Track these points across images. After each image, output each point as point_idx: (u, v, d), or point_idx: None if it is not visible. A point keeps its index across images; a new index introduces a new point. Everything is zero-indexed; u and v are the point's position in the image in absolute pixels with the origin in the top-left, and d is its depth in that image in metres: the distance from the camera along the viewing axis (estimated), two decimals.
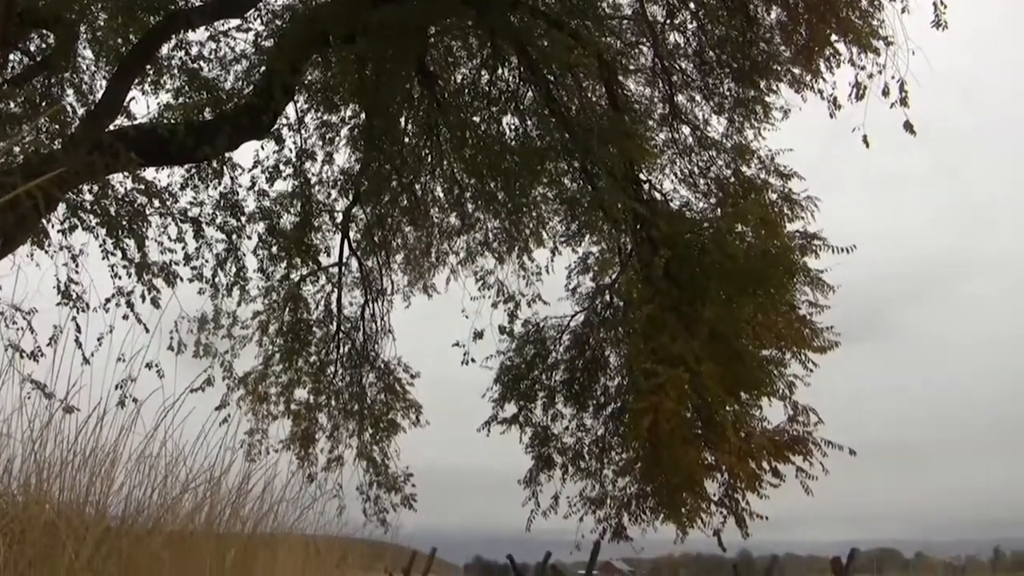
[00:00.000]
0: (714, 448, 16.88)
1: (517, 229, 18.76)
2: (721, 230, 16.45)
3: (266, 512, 6.99)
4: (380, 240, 20.39)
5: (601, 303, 19.21)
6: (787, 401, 16.99)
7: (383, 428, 20.68)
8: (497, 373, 19.08)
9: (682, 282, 16.59)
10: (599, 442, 19.08)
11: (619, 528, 18.62)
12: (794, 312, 16.71)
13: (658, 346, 15.87)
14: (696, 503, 17.29)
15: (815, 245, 16.17)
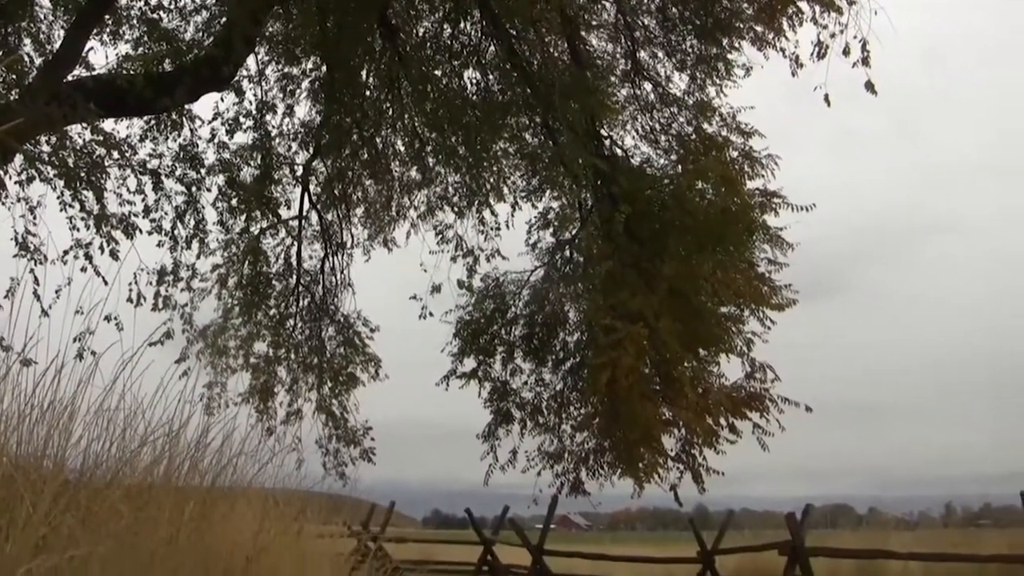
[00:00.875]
0: (672, 404, 16.99)
1: (477, 183, 18.72)
2: (681, 187, 16.50)
3: (225, 465, 6.99)
4: (340, 193, 20.31)
5: (561, 258, 19.24)
6: (745, 358, 17.13)
7: (342, 382, 20.66)
8: (456, 327, 19.14)
9: (642, 238, 16.64)
10: (557, 397, 19.17)
11: (577, 482, 18.72)
12: (753, 269, 16.79)
13: (617, 302, 15.93)
14: (653, 458, 17.38)
15: (775, 203, 16.24)
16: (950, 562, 19.24)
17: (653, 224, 16.70)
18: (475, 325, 19.14)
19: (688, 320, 16.19)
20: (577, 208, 18.82)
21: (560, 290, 19.21)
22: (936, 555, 19.43)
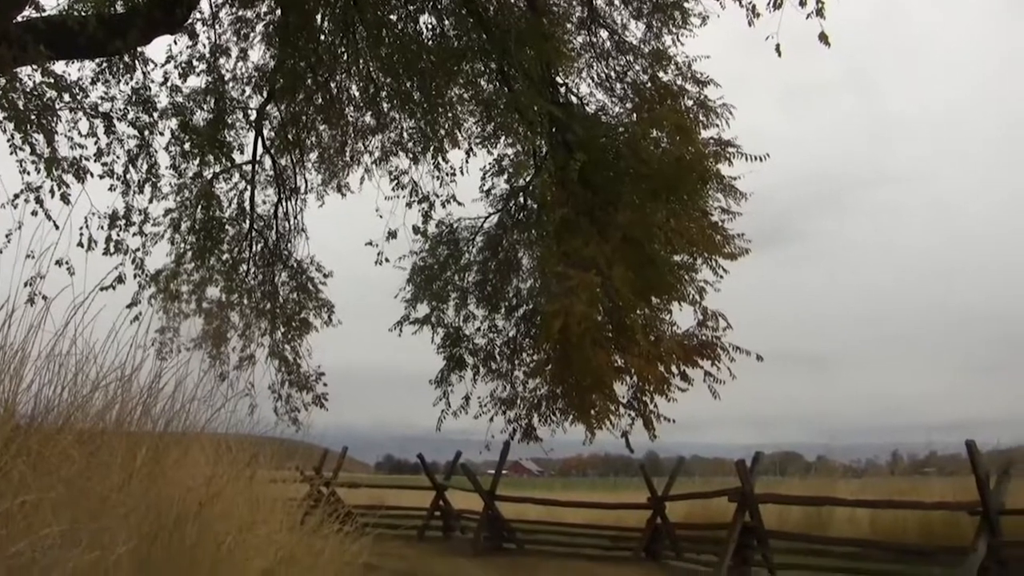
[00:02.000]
0: (624, 351, 17.05)
1: (432, 129, 18.65)
2: (636, 135, 16.49)
3: (177, 411, 6.99)
4: (294, 138, 20.18)
5: (515, 205, 19.26)
6: (697, 306, 17.20)
7: (295, 327, 20.65)
8: (410, 273, 19.15)
9: (596, 186, 16.64)
10: (510, 343, 19.23)
11: (529, 429, 18.80)
12: (706, 218, 16.83)
13: (571, 249, 15.96)
14: (605, 405, 17.46)
15: (729, 152, 16.26)
16: (896, 509, 19.50)
17: (607, 172, 16.70)
18: (429, 271, 19.14)
19: (641, 268, 16.23)
20: (531, 155, 18.80)
21: (514, 237, 19.24)
22: (883, 502, 19.68)
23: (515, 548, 23.89)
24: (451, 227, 19.33)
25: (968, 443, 16.97)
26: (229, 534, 6.21)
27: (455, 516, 26.64)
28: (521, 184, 19.13)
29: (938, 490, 20.97)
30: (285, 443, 11.63)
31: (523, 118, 17.21)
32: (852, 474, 28.54)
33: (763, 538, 19.19)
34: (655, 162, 15.91)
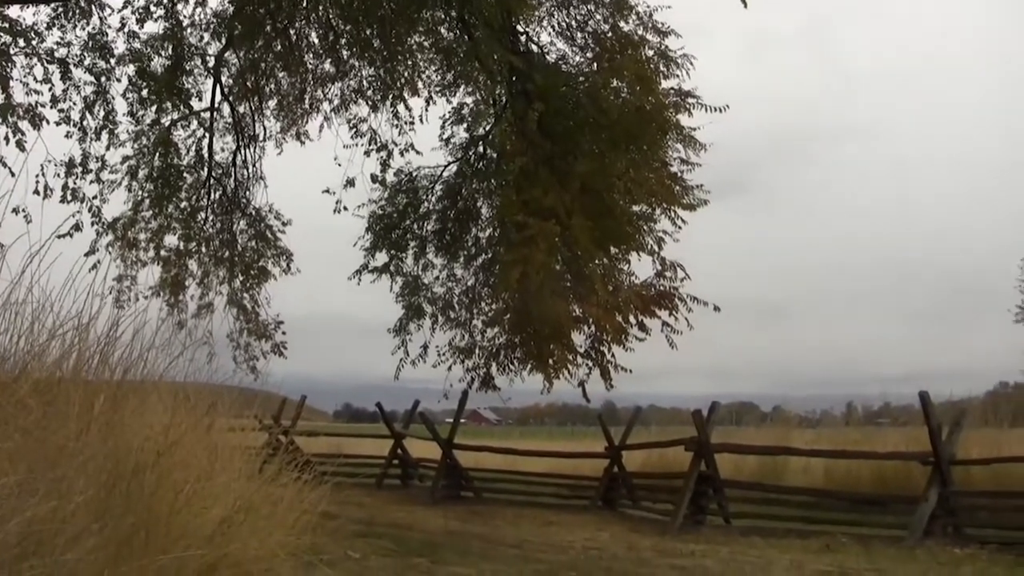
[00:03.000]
0: (582, 301, 17.07)
1: (392, 77, 18.57)
2: (596, 85, 16.43)
3: (135, 359, 6.96)
4: (253, 85, 20.03)
5: (474, 154, 19.21)
6: (655, 256, 17.24)
7: (254, 275, 20.61)
8: (369, 222, 19.07)
9: (555, 136, 16.59)
10: (469, 292, 19.24)
11: (487, 378, 18.84)
12: (665, 169, 16.81)
13: (530, 199, 15.92)
14: (563, 354, 17.51)
15: (689, 103, 16.21)
16: (850, 459, 19.73)
17: (567, 122, 16.65)
18: (388, 220, 19.08)
19: (600, 218, 16.22)
20: (491, 104, 18.74)
21: (473, 186, 19.20)
22: (837, 452, 19.90)
23: (473, 496, 24.04)
24: (410, 176, 19.28)
25: (921, 394, 17.15)
26: (187, 483, 6.21)
27: (413, 464, 26.75)
28: (481, 133, 19.08)
29: (891, 440, 21.22)
30: (244, 391, 11.61)
31: (483, 67, 17.16)
32: (807, 424, 28.81)
33: (719, 487, 19.37)
34: (615, 112, 15.85)
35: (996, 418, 22.52)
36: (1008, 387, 63.70)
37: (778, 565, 13.77)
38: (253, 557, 6.41)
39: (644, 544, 16.34)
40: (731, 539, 16.96)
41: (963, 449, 17.75)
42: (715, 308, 16.95)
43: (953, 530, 16.81)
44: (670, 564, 13.83)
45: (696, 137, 16.57)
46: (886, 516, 17.67)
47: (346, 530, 11.10)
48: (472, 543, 15.77)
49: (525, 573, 12.46)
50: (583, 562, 13.84)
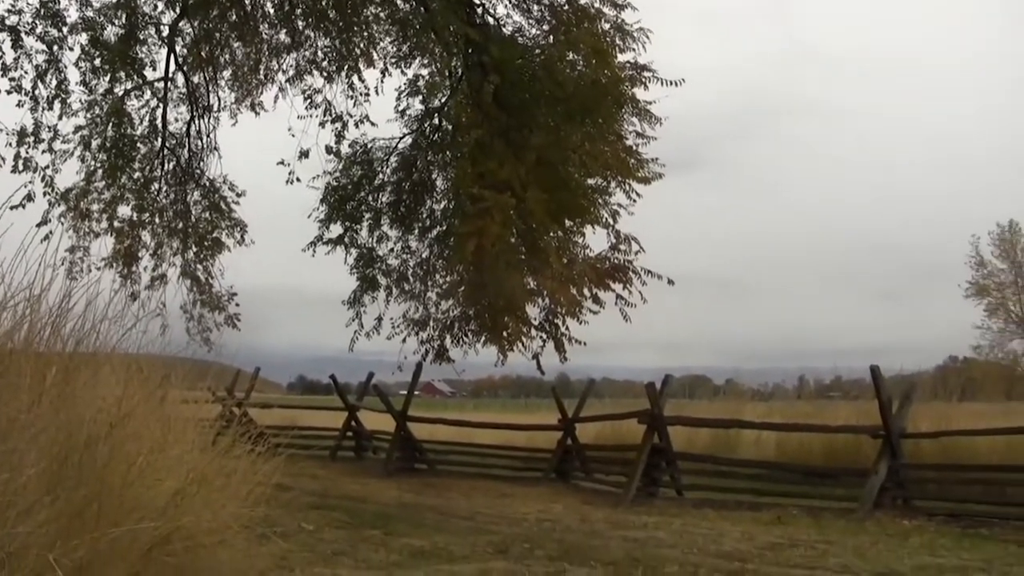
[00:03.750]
0: (537, 274, 17.11)
1: (347, 48, 18.48)
2: (552, 58, 16.41)
3: (88, 331, 6.92)
4: (207, 55, 19.86)
5: (430, 126, 19.12)
6: (610, 229, 17.25)
7: (207, 247, 20.50)
8: (323, 193, 18.96)
9: (511, 108, 16.57)
10: (423, 265, 19.19)
11: (441, 350, 18.85)
12: (621, 142, 16.81)
13: (485, 171, 15.91)
14: (517, 327, 17.55)
15: (645, 77, 16.21)
16: (802, 432, 19.90)
17: (523, 94, 16.63)
18: (342, 191, 18.98)
19: (555, 191, 16.23)
20: (447, 76, 18.66)
21: (428, 158, 19.13)
22: (788, 425, 20.07)
23: (427, 468, 24.08)
24: (365, 147, 19.18)
25: (872, 368, 17.32)
26: (140, 455, 6.18)
27: (367, 437, 26.77)
28: (436, 105, 19.00)
29: (842, 414, 21.42)
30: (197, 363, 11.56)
31: (439, 38, 17.09)
32: (759, 397, 29.01)
33: (671, 459, 19.51)
34: (571, 85, 15.84)
35: (945, 392, 22.80)
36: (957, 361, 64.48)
37: (730, 537, 13.88)
38: (206, 529, 6.40)
39: (597, 516, 16.43)
40: (683, 511, 17.08)
41: (913, 422, 17.95)
42: (669, 281, 17.02)
43: (902, 502, 17.02)
44: (623, 536, 13.91)
45: (651, 111, 16.58)
46: (836, 488, 17.85)
47: (300, 502, 11.12)
48: (426, 515, 15.81)
49: (478, 544, 12.50)
50: (536, 533, 13.90)
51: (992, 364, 64.80)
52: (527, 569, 10.84)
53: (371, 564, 10.85)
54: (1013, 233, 70.79)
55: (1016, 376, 55.08)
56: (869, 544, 13.32)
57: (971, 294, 72.36)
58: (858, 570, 11.23)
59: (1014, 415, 20.19)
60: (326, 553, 11.32)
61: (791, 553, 12.55)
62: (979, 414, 21.01)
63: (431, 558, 11.47)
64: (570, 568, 10.97)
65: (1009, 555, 12.59)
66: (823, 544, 13.27)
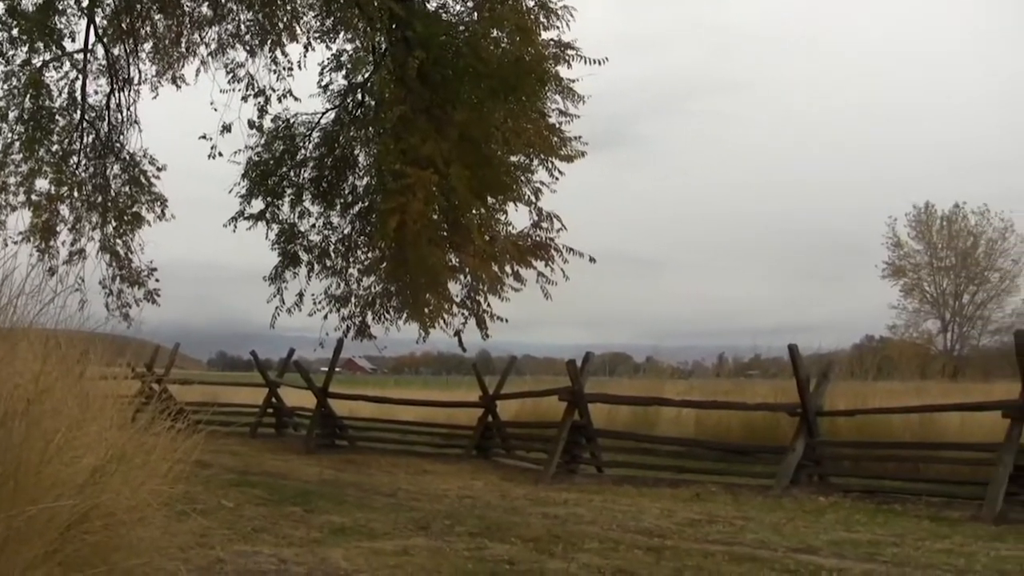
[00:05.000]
0: (459, 250, 17.16)
1: (270, 22, 18.33)
2: (476, 34, 16.39)
3: (4, 306, 6.84)
4: (128, 27, 19.59)
5: (353, 102, 19.04)
6: (532, 207, 17.36)
7: (127, 221, 20.28)
8: (245, 168, 18.80)
9: (435, 84, 16.56)
10: (345, 241, 19.15)
11: (363, 326, 18.86)
12: (544, 120, 16.87)
13: (408, 147, 15.91)
14: (439, 303, 17.58)
15: (568, 55, 16.28)
16: (721, 409, 20.09)
17: (447, 70, 16.62)
18: (264, 167, 18.83)
19: (478, 167, 16.27)
20: (371, 51, 18.55)
21: (351, 134, 19.05)
22: (708, 403, 20.24)
23: (347, 445, 24.06)
24: (287, 122, 19.03)
25: (790, 347, 17.54)
26: (58, 432, 6.12)
27: (288, 413, 26.69)
28: (359, 80, 18.90)
29: (761, 392, 21.68)
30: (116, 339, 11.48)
31: (363, 13, 16.99)
32: (679, 375, 29.20)
33: (592, 436, 19.63)
34: (494, 62, 15.86)
35: (861, 370, 23.09)
36: (873, 341, 65.51)
37: (649, 513, 14.00)
38: (125, 507, 6.35)
39: (517, 492, 16.50)
40: (603, 488, 17.20)
41: (830, 401, 18.19)
42: (591, 259, 17.15)
43: (818, 479, 17.27)
44: (543, 512, 13.99)
45: (575, 89, 16.67)
46: (755, 465, 18.05)
47: (220, 479, 11.10)
48: (347, 491, 15.80)
49: (399, 521, 12.52)
50: (457, 510, 13.94)
51: (907, 343, 65.93)
52: (448, 546, 10.88)
53: (292, 541, 10.83)
54: (929, 215, 72.04)
55: (930, 355, 55.93)
56: (786, 520, 13.50)
57: (888, 275, 73.57)
58: (775, 546, 11.38)
59: (927, 393, 20.52)
60: (246, 530, 11.29)
61: (710, 529, 12.68)
62: (894, 392, 21.32)
63: (352, 535, 11.48)
64: (490, 544, 11.02)
65: (921, 530, 12.82)
66: (741, 520, 13.43)
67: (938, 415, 17.75)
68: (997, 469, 14.34)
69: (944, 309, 72.33)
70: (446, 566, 9.64)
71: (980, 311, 71.56)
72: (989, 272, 71.10)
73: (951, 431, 17.55)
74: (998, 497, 14.02)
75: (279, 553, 10.00)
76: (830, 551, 11.10)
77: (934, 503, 14.99)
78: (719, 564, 10.07)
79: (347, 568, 9.39)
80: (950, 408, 17.40)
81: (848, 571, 9.80)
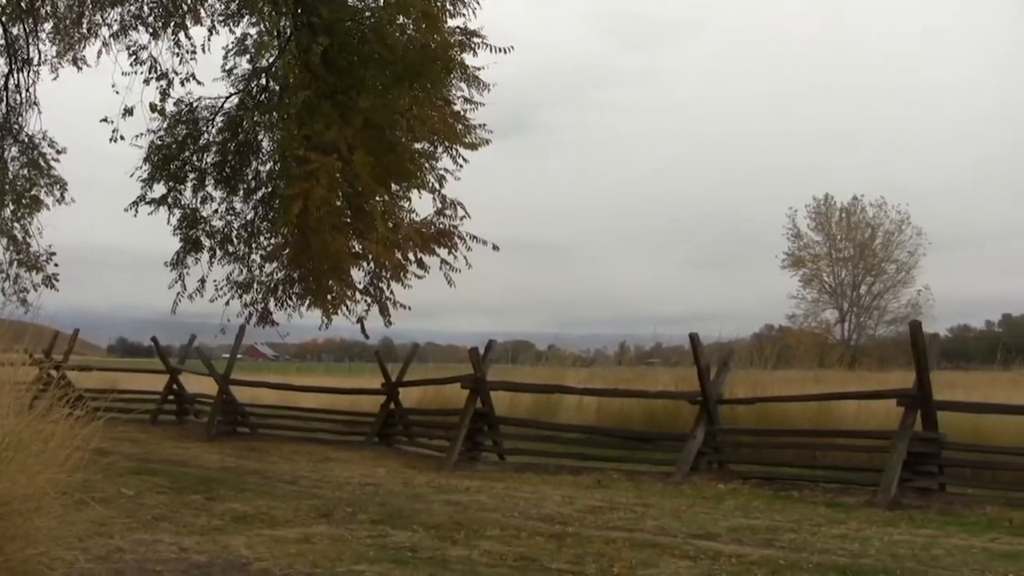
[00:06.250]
0: (362, 237, 17.13)
1: (174, 4, 18.07)
2: (382, 20, 16.34)
3: None
4: (27, 6, 19.25)
5: (257, 86, 18.89)
6: (436, 194, 17.39)
7: (25, 204, 20.01)
8: (147, 152, 18.56)
9: (339, 70, 16.50)
10: (248, 226, 19.01)
11: (265, 313, 18.77)
12: (449, 107, 16.90)
13: (312, 133, 15.84)
14: (342, 290, 17.58)
15: (474, 43, 16.30)
16: (622, 397, 20.27)
17: (351, 56, 16.56)
18: (167, 151, 18.60)
19: (382, 154, 16.24)
20: (275, 36, 18.43)
21: (255, 118, 18.89)
22: (609, 391, 20.43)
23: (249, 432, 23.94)
24: (190, 106, 18.80)
25: (691, 335, 17.74)
26: None
27: (189, 400, 26.48)
28: (264, 65, 18.76)
29: (662, 380, 21.93)
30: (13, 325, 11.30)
31: None
32: (581, 363, 29.45)
33: (494, 424, 19.73)
34: (400, 48, 15.82)
35: (761, 359, 23.44)
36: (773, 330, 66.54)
37: (551, 500, 14.10)
38: (22, 495, 6.29)
39: (420, 480, 16.52)
40: (505, 475, 17.28)
41: (730, 389, 18.43)
42: (494, 247, 17.24)
43: (718, 466, 17.50)
44: (445, 499, 14.03)
45: (480, 77, 16.70)
46: (655, 453, 18.23)
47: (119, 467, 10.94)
48: (248, 479, 15.73)
49: (301, 509, 12.49)
50: (359, 498, 13.94)
51: (806, 333, 67.11)
52: (350, 533, 10.88)
53: (193, 529, 10.77)
54: (828, 207, 73.33)
55: (828, 345, 56.86)
56: (686, 506, 13.67)
57: (787, 265, 74.78)
58: (675, 532, 11.53)
59: (825, 382, 20.93)
60: (146, 519, 11.20)
61: (611, 516, 12.80)
62: (792, 381, 21.67)
63: (253, 522, 11.44)
64: (392, 532, 11.04)
65: (818, 516, 13.07)
66: (642, 507, 13.57)
67: (835, 403, 18.14)
68: (891, 456, 14.66)
69: (842, 299, 73.72)
70: (348, 553, 9.65)
71: (877, 302, 73.09)
72: (886, 263, 72.64)
73: (848, 419, 17.93)
74: (892, 483, 14.34)
75: (180, 542, 9.94)
76: (729, 537, 11.27)
77: (831, 489, 15.27)
78: (620, 550, 10.17)
79: (248, 556, 9.36)
80: (847, 396, 17.84)
81: (747, 556, 9.95)
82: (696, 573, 9.20)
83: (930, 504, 14.05)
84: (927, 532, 11.88)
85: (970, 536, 11.62)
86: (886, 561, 9.87)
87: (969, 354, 44.79)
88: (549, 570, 9.17)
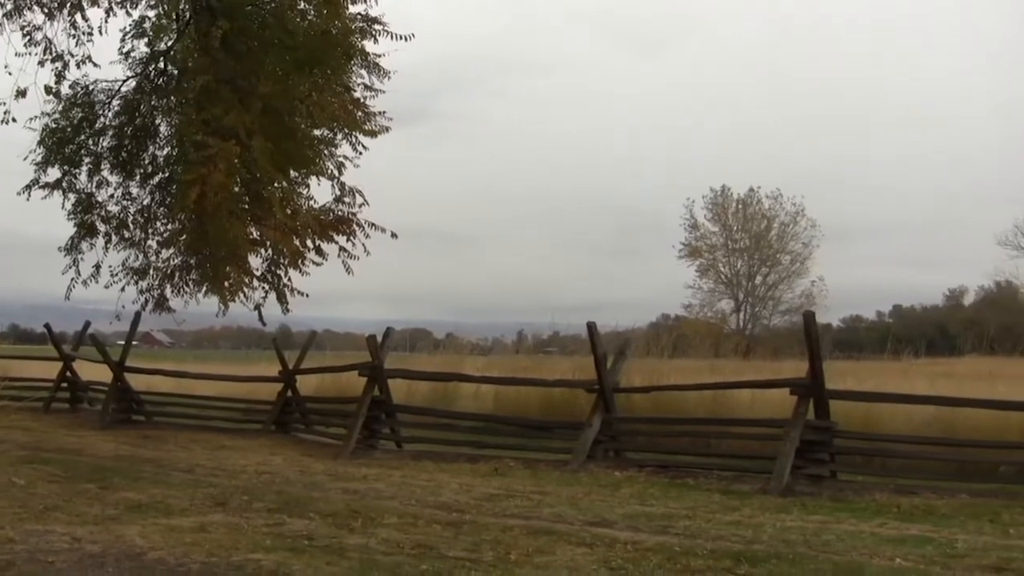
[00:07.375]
0: (260, 223, 17.05)
1: None
2: (283, 5, 16.27)
3: None
4: None
5: (155, 70, 18.65)
6: (335, 181, 17.40)
7: None
8: (41, 135, 18.24)
9: (239, 55, 16.37)
10: (144, 212, 18.80)
11: (161, 299, 18.60)
12: (349, 94, 16.87)
13: (210, 118, 15.72)
14: (239, 277, 17.46)
15: (375, 30, 16.26)
16: (519, 385, 20.38)
17: (251, 41, 16.46)
18: (61, 134, 18.29)
19: (281, 140, 16.17)
20: (174, 19, 18.19)
21: (152, 102, 18.66)
22: (507, 379, 20.53)
23: (144, 420, 23.73)
24: (86, 89, 18.50)
25: (589, 324, 17.86)
26: None
27: (83, 387, 26.17)
28: (162, 48, 18.52)
29: (559, 368, 22.09)
30: None
31: None
32: (479, 351, 29.55)
33: (392, 412, 19.76)
34: (300, 34, 15.77)
35: (658, 348, 23.75)
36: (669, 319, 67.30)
37: (448, 488, 14.13)
38: None
39: (317, 468, 16.48)
40: (403, 463, 17.31)
41: (626, 377, 18.59)
42: (392, 235, 17.27)
43: (615, 454, 17.68)
44: (342, 488, 14.01)
45: (381, 64, 16.67)
46: (552, 441, 18.36)
47: (11, 456, 10.86)
48: (143, 468, 15.58)
49: (196, 497, 12.41)
50: (255, 486, 13.87)
51: (701, 322, 68.05)
52: (246, 522, 10.82)
53: (86, 519, 10.65)
54: (725, 198, 74.31)
55: (723, 334, 57.68)
56: (582, 494, 13.77)
57: (684, 255, 75.66)
58: (571, 519, 11.61)
59: (720, 371, 21.25)
60: (38, 508, 11.07)
61: (508, 503, 12.87)
62: (688, 370, 21.97)
63: (148, 512, 11.34)
64: (289, 520, 11.00)
65: (712, 503, 13.25)
66: (538, 495, 13.65)
67: (730, 392, 18.44)
68: (784, 444, 14.90)
69: (737, 290, 74.81)
70: (244, 542, 9.60)
71: (772, 292, 74.36)
72: (781, 255, 73.88)
73: (742, 408, 18.24)
74: (785, 471, 14.59)
75: (73, 532, 9.83)
76: (625, 524, 11.38)
77: (725, 477, 15.52)
78: (517, 538, 10.23)
79: (143, 546, 9.27)
80: (742, 385, 18.15)
81: (642, 543, 10.05)
82: (592, 560, 9.26)
83: (822, 491, 14.33)
84: (818, 518, 12.08)
85: (860, 522, 11.85)
86: (778, 547, 10.02)
87: (861, 344, 45.68)
88: (446, 558, 9.19)
